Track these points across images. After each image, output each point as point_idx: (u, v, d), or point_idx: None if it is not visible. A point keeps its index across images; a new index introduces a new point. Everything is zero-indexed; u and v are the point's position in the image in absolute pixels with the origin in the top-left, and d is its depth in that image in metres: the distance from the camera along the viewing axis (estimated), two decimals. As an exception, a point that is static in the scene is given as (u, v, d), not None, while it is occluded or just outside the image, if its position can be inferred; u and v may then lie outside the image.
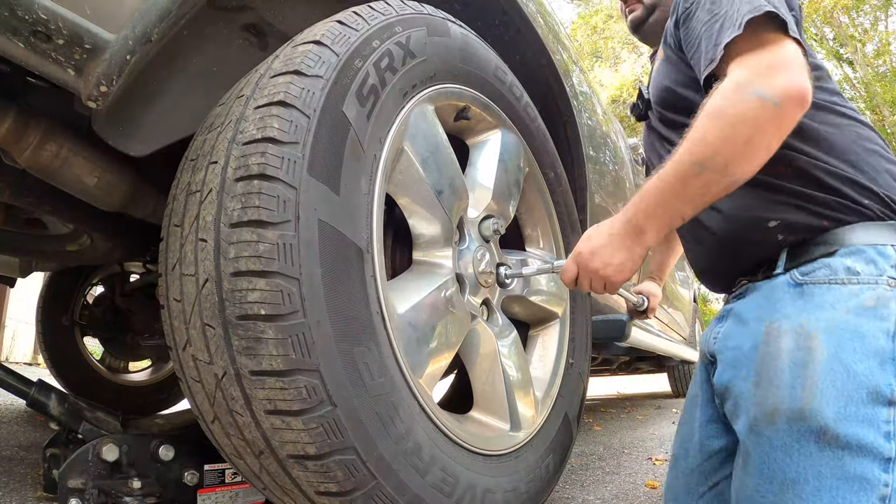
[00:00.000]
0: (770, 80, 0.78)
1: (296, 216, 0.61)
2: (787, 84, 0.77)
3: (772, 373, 0.82)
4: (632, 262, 0.90)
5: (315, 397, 0.60)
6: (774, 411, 0.79)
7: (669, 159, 0.84)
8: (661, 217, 0.86)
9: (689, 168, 0.81)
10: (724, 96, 0.80)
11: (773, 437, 0.78)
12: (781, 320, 0.85)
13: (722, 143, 0.79)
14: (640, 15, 1.24)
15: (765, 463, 0.78)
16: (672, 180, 0.83)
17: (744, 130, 0.78)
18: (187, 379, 0.67)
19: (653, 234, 0.88)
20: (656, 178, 0.85)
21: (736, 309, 0.96)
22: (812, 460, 0.74)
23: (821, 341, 0.80)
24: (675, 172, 0.82)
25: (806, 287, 0.86)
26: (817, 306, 0.83)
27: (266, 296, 0.59)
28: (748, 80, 0.79)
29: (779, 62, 0.79)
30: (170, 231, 0.68)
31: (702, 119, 0.81)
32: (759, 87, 0.77)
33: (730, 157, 0.79)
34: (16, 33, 0.54)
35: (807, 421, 0.76)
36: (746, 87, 0.78)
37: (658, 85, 1.07)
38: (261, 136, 0.63)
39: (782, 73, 0.78)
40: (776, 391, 0.80)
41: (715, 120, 0.80)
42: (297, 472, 0.63)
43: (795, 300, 0.86)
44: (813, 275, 0.86)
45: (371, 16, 0.79)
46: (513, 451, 0.93)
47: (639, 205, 0.88)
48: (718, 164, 0.80)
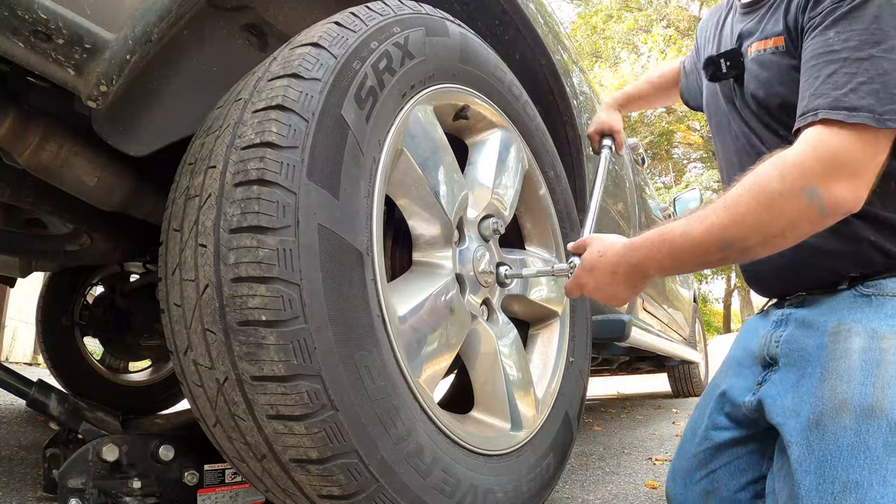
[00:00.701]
0: (831, 182, 0.74)
1: (295, 221, 0.61)
2: (842, 196, 0.74)
3: (842, 368, 0.81)
4: (634, 294, 0.92)
5: (317, 402, 0.60)
6: (842, 404, 0.77)
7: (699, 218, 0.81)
8: (671, 270, 0.87)
9: (715, 243, 0.79)
10: (783, 181, 0.75)
11: (838, 433, 0.76)
12: (852, 323, 0.85)
13: (757, 229, 0.77)
14: None
15: (827, 461, 0.76)
16: (695, 247, 0.81)
17: (782, 224, 0.76)
18: (189, 383, 0.67)
19: (657, 276, 0.89)
20: (679, 236, 0.82)
21: (797, 315, 0.96)
22: (879, 464, 0.71)
23: (895, 344, 0.79)
24: (701, 242, 0.80)
25: (874, 298, 0.87)
26: (888, 315, 0.84)
27: (267, 302, 0.59)
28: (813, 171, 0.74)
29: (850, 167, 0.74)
30: (169, 235, 0.68)
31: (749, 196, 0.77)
32: (816, 187, 0.74)
33: (756, 244, 0.78)
34: (16, 33, 0.54)
35: (876, 419, 0.74)
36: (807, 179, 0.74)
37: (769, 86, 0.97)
38: (259, 140, 0.63)
39: (845, 182, 0.74)
40: (846, 386, 0.78)
41: (761, 205, 0.76)
42: (300, 475, 0.63)
43: (864, 308, 0.87)
44: (879, 287, 0.87)
45: (369, 17, 0.79)
46: (514, 450, 0.93)
47: (651, 255, 0.85)
48: (743, 246, 0.79)
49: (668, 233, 0.84)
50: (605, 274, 0.90)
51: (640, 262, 0.87)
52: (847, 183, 0.75)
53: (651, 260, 0.86)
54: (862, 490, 0.71)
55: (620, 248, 0.90)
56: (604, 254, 0.91)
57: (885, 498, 0.69)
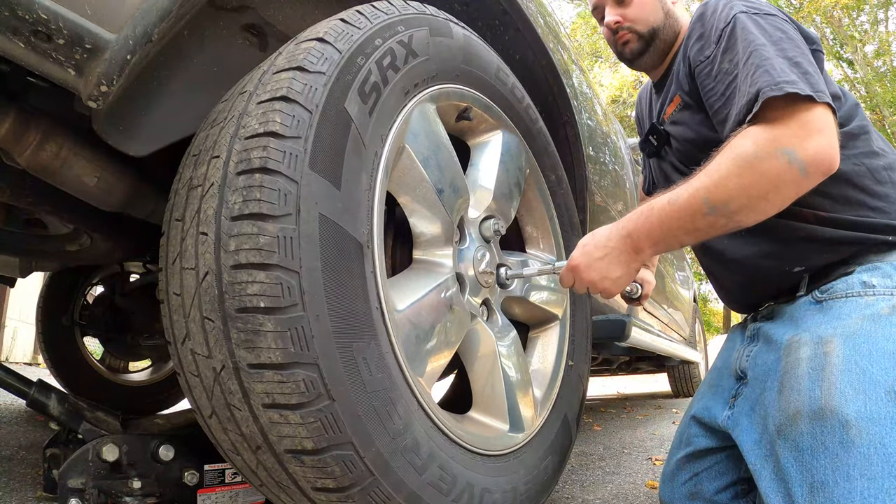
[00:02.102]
0: (803, 142, 0.79)
1: (297, 210, 0.61)
2: (817, 150, 0.78)
3: (793, 380, 0.84)
4: (627, 276, 0.93)
5: (313, 391, 0.60)
6: (797, 412, 0.81)
7: (684, 187, 0.85)
8: (662, 241, 0.89)
9: (701, 206, 0.83)
10: (756, 144, 0.80)
11: (798, 439, 0.79)
12: (802, 333, 0.89)
13: (739, 191, 0.80)
14: (636, 48, 1.17)
15: (793, 467, 0.78)
16: (682, 212, 0.84)
17: (764, 186, 0.80)
18: (186, 373, 0.67)
19: (649, 253, 0.90)
20: (667, 203, 0.86)
21: (764, 329, 1.02)
22: (839, 462, 0.73)
23: (836, 346, 0.82)
24: (687, 206, 0.84)
25: (825, 303, 0.91)
26: (834, 317, 0.87)
27: (265, 288, 0.59)
28: (782, 135, 0.79)
29: (814, 125, 0.79)
30: (171, 225, 0.69)
31: (727, 161, 0.82)
32: (792, 148, 0.78)
33: (741, 207, 0.81)
34: (16, 33, 0.54)
35: (828, 420, 0.76)
36: (780, 142, 0.79)
37: (684, 136, 1.08)
38: (263, 130, 0.63)
39: (816, 137, 0.79)
40: (797, 396, 0.82)
41: (740, 167, 0.80)
42: (294, 467, 0.63)
43: (815, 315, 0.91)
44: (831, 291, 0.92)
45: (374, 14, 0.79)
46: (512, 451, 0.93)
47: (641, 224, 0.89)
48: (729, 210, 0.82)
49: (655, 203, 0.88)
50: (597, 248, 0.92)
51: (630, 232, 0.90)
52: (817, 138, 0.79)
53: (641, 229, 0.89)
54: (828, 489, 0.73)
55: (612, 225, 0.94)
56: (595, 233, 0.95)
57: (852, 493, 0.71)
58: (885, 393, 0.75)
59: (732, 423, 0.98)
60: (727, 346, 1.17)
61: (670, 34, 1.16)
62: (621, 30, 1.17)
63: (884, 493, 0.69)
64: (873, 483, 0.70)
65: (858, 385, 0.77)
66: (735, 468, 1.05)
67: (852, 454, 0.73)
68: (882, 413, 0.73)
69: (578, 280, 0.95)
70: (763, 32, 0.90)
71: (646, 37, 1.16)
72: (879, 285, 0.87)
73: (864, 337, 0.81)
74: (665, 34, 1.16)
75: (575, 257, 0.95)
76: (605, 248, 0.92)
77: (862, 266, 0.90)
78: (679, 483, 1.10)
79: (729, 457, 1.06)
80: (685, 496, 1.08)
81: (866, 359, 0.79)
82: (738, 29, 0.92)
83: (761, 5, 0.96)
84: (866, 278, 0.89)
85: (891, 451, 0.71)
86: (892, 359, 0.77)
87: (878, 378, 0.76)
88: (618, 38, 1.18)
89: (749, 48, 0.88)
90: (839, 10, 12.78)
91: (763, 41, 0.88)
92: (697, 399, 1.15)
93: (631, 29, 1.16)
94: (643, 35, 1.16)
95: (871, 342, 0.80)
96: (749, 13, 0.93)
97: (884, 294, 0.86)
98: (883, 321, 0.82)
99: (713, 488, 1.05)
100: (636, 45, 1.17)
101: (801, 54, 0.86)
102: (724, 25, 0.95)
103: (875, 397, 0.75)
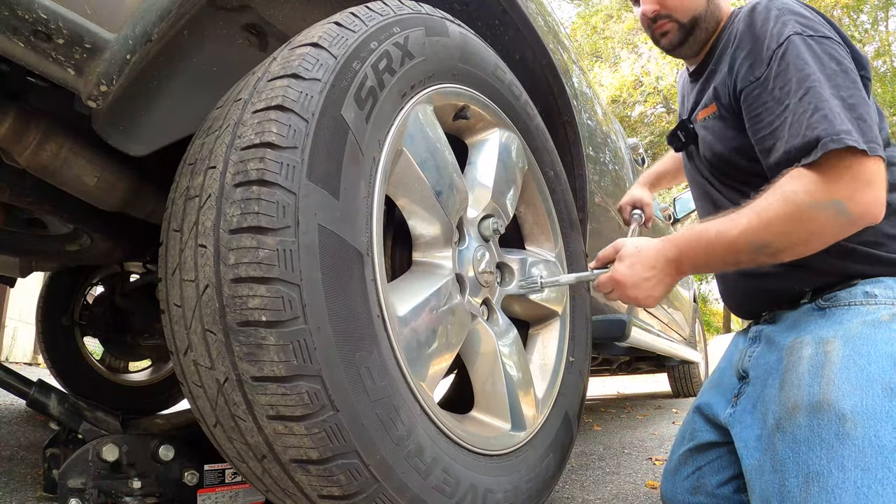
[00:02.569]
0: (854, 194, 0.80)
1: (295, 222, 0.61)
2: (867, 204, 0.81)
3: (794, 377, 0.87)
4: (667, 292, 0.96)
5: (317, 402, 0.60)
6: (795, 406, 0.83)
7: (733, 221, 0.87)
8: (704, 267, 0.93)
9: (747, 245, 0.86)
10: (809, 193, 0.81)
11: (795, 431, 0.81)
12: (804, 335, 0.92)
13: (784, 235, 0.83)
14: (676, 38, 1.11)
15: (789, 458, 0.81)
16: (728, 248, 0.88)
17: (808, 232, 0.83)
18: (189, 384, 0.67)
19: (689, 273, 0.95)
20: (714, 237, 0.89)
21: (766, 332, 1.04)
22: (834, 453, 0.76)
23: (837, 346, 0.86)
24: (734, 244, 0.87)
25: (828, 310, 0.95)
26: (836, 322, 0.91)
27: (267, 302, 0.59)
28: (836, 188, 0.81)
29: (866, 177, 0.81)
30: (169, 235, 0.68)
31: (778, 200, 0.83)
32: (843, 200, 0.80)
33: (783, 248, 0.85)
34: (16, 33, 0.54)
35: (825, 412, 0.79)
36: (833, 194, 0.81)
37: (712, 147, 1.09)
38: (259, 140, 0.62)
39: (867, 191, 0.81)
40: (797, 391, 0.85)
41: (789, 211, 0.82)
42: (300, 476, 0.63)
43: (817, 320, 0.94)
44: (834, 300, 0.95)
45: (369, 17, 0.79)
46: (514, 450, 0.93)
47: (689, 252, 0.92)
48: (773, 250, 0.85)
49: (704, 233, 0.90)
50: (644, 269, 0.93)
51: (676, 258, 0.93)
52: (870, 192, 0.81)
53: (687, 256, 0.92)
54: (823, 478, 0.75)
55: (658, 243, 0.95)
56: (641, 249, 0.95)
57: (846, 483, 0.73)
58: (882, 389, 0.77)
59: (734, 420, 1.00)
60: (731, 348, 1.19)
61: (712, 22, 1.10)
62: (660, 18, 1.10)
63: (877, 483, 0.71)
64: (867, 474, 0.72)
65: (856, 381, 0.79)
66: (737, 462, 1.06)
67: (847, 446, 0.75)
68: (878, 408, 0.76)
69: (621, 294, 0.96)
70: (818, 63, 0.88)
71: (686, 26, 1.09)
72: (881, 295, 0.90)
73: (863, 339, 0.84)
74: (707, 23, 1.09)
75: (621, 272, 0.95)
76: (653, 270, 0.94)
77: (865, 279, 0.93)
78: (682, 477, 1.12)
79: (731, 451, 1.07)
80: (688, 490, 1.10)
81: (865, 358, 0.81)
82: (790, 54, 0.89)
83: (816, 25, 0.92)
84: (869, 289, 0.92)
85: (885, 444, 0.73)
86: (889, 359, 0.80)
87: (875, 376, 0.79)
88: (656, 27, 1.12)
89: (804, 83, 0.87)
90: (839, 10, 12.78)
91: (819, 76, 0.86)
92: (701, 396, 1.17)
93: (671, 17, 1.09)
94: (684, 24, 1.09)
95: (871, 344, 0.83)
96: (804, 35, 0.90)
97: (885, 303, 0.89)
98: (883, 326, 0.85)
99: (715, 482, 1.07)
100: (676, 35, 1.11)
101: (856, 92, 0.86)
102: (777, 47, 0.91)
103: (872, 393, 0.77)
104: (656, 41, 1.15)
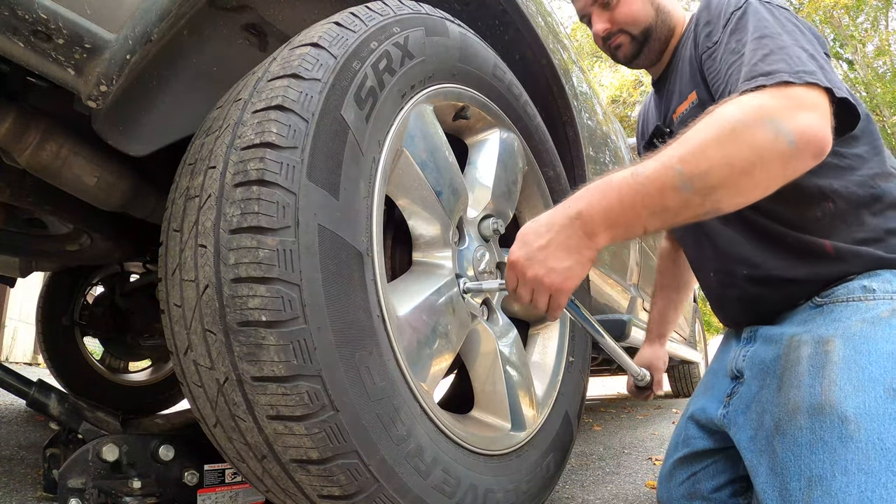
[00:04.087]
0: (794, 115, 0.71)
1: (295, 222, 0.61)
2: (809, 124, 0.71)
3: (793, 377, 0.85)
4: (580, 268, 0.76)
5: (317, 402, 0.60)
6: (796, 408, 0.81)
7: (653, 157, 0.73)
8: (621, 224, 0.73)
9: (673, 178, 0.70)
10: (742, 110, 0.72)
11: (796, 434, 0.79)
12: (802, 334, 0.89)
13: (720, 161, 0.69)
14: (630, 50, 1.13)
15: (791, 461, 0.79)
16: (649, 186, 0.71)
17: (748, 157, 0.69)
18: (189, 384, 0.67)
19: (605, 238, 0.75)
20: (630, 175, 0.72)
21: (762, 331, 1.01)
22: (837, 456, 0.74)
23: (837, 345, 0.83)
24: (656, 177, 0.70)
25: (826, 306, 0.91)
26: (834, 319, 0.88)
27: (267, 302, 0.59)
28: (773, 106, 0.72)
29: (809, 103, 0.73)
30: (169, 235, 0.68)
31: (706, 125, 0.71)
32: (781, 120, 0.70)
33: (721, 182, 0.70)
34: (16, 33, 0.54)
35: (827, 415, 0.77)
36: (769, 112, 0.71)
37: None
38: (259, 141, 0.63)
39: (807, 113, 0.72)
40: (797, 392, 0.82)
41: (723, 132, 0.70)
42: (300, 476, 0.63)
43: (815, 318, 0.91)
44: (832, 296, 0.91)
45: (368, 17, 0.79)
46: (514, 450, 0.93)
47: (597, 201, 0.73)
48: (707, 185, 0.69)
49: (615, 176, 0.74)
50: (538, 235, 0.76)
51: (581, 212, 0.74)
52: (810, 114, 0.72)
53: (596, 207, 0.73)
54: (826, 482, 0.73)
55: (557, 206, 0.78)
56: (537, 218, 0.79)
57: (850, 486, 0.71)
58: (884, 390, 0.76)
59: (728, 420, 0.99)
60: (722, 350, 1.17)
61: (665, 30, 1.11)
62: (612, 35, 1.12)
63: (881, 487, 0.70)
64: (870, 477, 0.71)
65: (858, 382, 0.77)
66: (732, 467, 1.06)
67: (850, 449, 0.73)
68: (880, 409, 0.74)
69: (521, 279, 0.77)
70: (777, 22, 0.86)
71: (639, 38, 1.11)
72: (879, 290, 0.87)
73: (863, 338, 0.82)
74: (659, 31, 1.11)
75: (513, 251, 0.78)
76: (549, 233, 0.75)
77: (862, 273, 0.90)
78: (676, 483, 1.11)
79: (727, 457, 1.06)
80: (683, 496, 1.09)
81: (866, 358, 0.79)
82: (749, 13, 0.88)
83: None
84: (867, 283, 0.89)
85: (888, 447, 0.71)
86: (891, 359, 0.78)
87: (877, 376, 0.77)
88: (610, 43, 1.13)
89: (762, 31, 0.83)
90: (839, 11, 12.78)
91: (778, 29, 0.84)
92: (693, 401, 1.15)
93: (622, 31, 1.11)
94: (636, 37, 1.11)
95: (871, 343, 0.81)
96: (762, 2, 0.90)
97: (883, 298, 0.86)
98: (882, 324, 0.83)
99: (710, 487, 1.06)
100: (630, 47, 1.13)
101: (817, 51, 0.83)
102: (735, 10, 0.91)
103: (874, 394, 0.76)
104: (614, 56, 1.17)
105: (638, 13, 1.09)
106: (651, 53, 1.13)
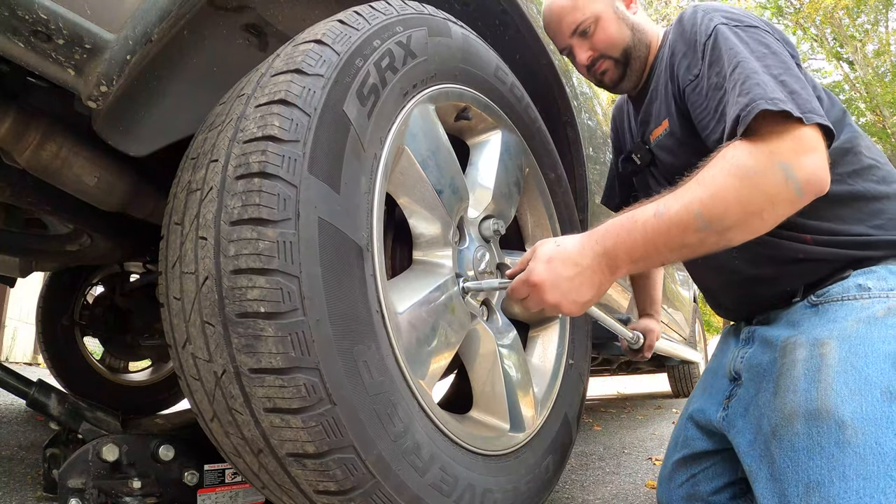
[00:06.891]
0: (800, 157, 0.75)
1: (296, 214, 0.61)
2: (813, 169, 0.75)
3: (789, 381, 0.84)
4: (598, 297, 0.83)
5: (314, 395, 0.60)
6: (792, 413, 0.81)
7: (673, 198, 0.78)
8: (643, 259, 0.79)
9: (694, 220, 0.76)
10: (754, 157, 0.76)
11: (794, 440, 0.79)
12: (797, 335, 0.89)
13: (736, 206, 0.75)
14: (616, 73, 1.15)
15: (788, 467, 0.78)
16: (671, 227, 0.77)
17: (760, 202, 0.75)
18: (186, 377, 0.67)
19: (625, 271, 0.81)
20: (653, 216, 0.78)
21: (759, 332, 1.01)
22: (835, 462, 0.73)
23: (832, 348, 0.82)
24: (678, 220, 0.76)
25: (821, 306, 0.91)
26: (830, 320, 0.88)
27: (266, 293, 0.59)
28: (779, 149, 0.76)
29: (808, 142, 0.77)
30: (170, 229, 0.69)
31: (723, 172, 0.76)
32: (788, 164, 0.75)
33: (735, 223, 0.76)
34: (16, 33, 0.54)
35: (824, 420, 0.76)
36: (776, 156, 0.76)
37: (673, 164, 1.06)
38: (262, 134, 0.63)
39: (811, 155, 0.76)
40: (793, 397, 0.82)
41: (737, 180, 0.75)
42: (296, 470, 0.63)
43: (811, 318, 0.91)
44: (826, 295, 0.91)
45: (372, 15, 0.79)
46: (512, 451, 0.93)
47: (623, 240, 0.79)
48: (723, 226, 0.76)
49: (639, 214, 0.79)
50: (566, 266, 0.80)
51: (608, 250, 0.79)
52: (813, 156, 0.76)
53: (622, 246, 0.79)
54: (824, 488, 0.73)
55: (583, 237, 0.82)
56: (561, 243, 0.82)
57: (848, 492, 0.71)
58: (881, 393, 0.75)
59: (727, 424, 0.99)
60: (720, 348, 1.17)
61: (643, 48, 1.14)
62: (595, 62, 1.14)
63: (879, 493, 0.69)
64: (869, 483, 0.70)
65: (854, 386, 0.77)
66: (732, 469, 1.05)
67: (848, 454, 0.73)
68: (878, 413, 0.73)
69: (538, 299, 0.82)
70: (746, 47, 0.87)
71: (621, 60, 1.13)
72: (875, 288, 0.87)
73: (859, 339, 0.81)
74: (638, 51, 1.13)
75: (538, 272, 0.81)
76: (577, 267, 0.80)
77: (857, 270, 0.90)
78: (676, 484, 1.11)
79: (726, 458, 1.06)
80: (682, 498, 1.09)
81: (862, 360, 0.79)
82: (720, 42, 0.90)
83: (741, 16, 0.94)
84: (861, 281, 0.88)
85: (886, 451, 0.71)
86: (887, 360, 0.78)
87: (873, 379, 0.76)
88: (595, 69, 1.15)
89: (734, 59, 0.86)
90: (839, 11, 12.78)
91: (748, 56, 0.86)
92: (692, 401, 1.15)
93: (603, 56, 1.13)
94: (618, 59, 1.13)
95: (867, 344, 0.80)
96: (729, 25, 0.91)
97: (879, 297, 0.86)
98: (878, 323, 0.82)
99: (710, 489, 1.06)
100: (614, 71, 1.15)
101: (786, 70, 0.84)
102: (706, 39, 0.92)
103: (871, 398, 0.75)
104: (600, 83, 1.19)
105: (614, 35, 1.12)
106: (633, 74, 1.16)
